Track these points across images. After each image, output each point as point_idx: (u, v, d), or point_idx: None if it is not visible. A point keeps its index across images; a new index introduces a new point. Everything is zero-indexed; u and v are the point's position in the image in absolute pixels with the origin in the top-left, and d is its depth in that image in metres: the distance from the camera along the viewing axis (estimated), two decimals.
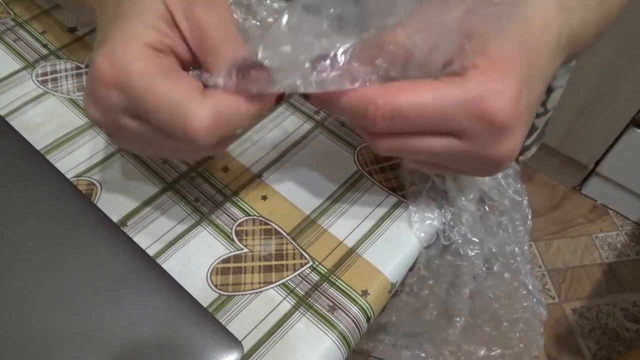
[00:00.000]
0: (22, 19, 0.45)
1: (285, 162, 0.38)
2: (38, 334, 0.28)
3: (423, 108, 0.26)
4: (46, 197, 0.33)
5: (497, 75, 0.26)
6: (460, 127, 0.26)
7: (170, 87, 0.25)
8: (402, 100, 0.26)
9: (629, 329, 1.20)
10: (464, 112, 0.26)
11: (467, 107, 0.26)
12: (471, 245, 0.36)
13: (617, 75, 1.08)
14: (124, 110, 0.27)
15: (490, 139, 0.27)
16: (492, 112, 0.25)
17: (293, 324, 0.31)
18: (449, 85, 0.26)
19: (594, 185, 1.36)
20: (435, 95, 0.26)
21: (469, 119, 0.26)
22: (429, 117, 0.26)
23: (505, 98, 0.25)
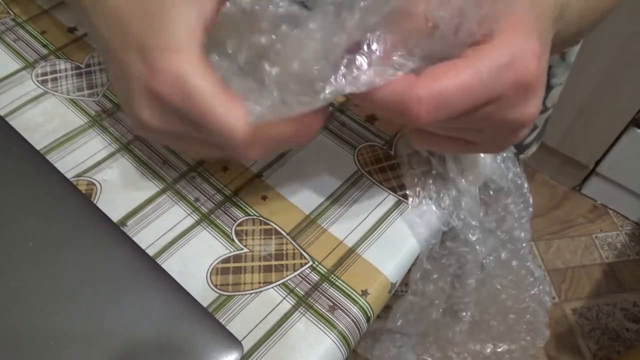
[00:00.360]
0: (22, 19, 0.45)
1: (285, 162, 0.38)
2: (38, 334, 0.28)
3: (467, 89, 0.24)
4: (46, 197, 0.33)
5: (518, 35, 0.25)
6: (498, 95, 0.25)
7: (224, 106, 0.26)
8: (443, 86, 0.24)
9: (629, 329, 1.20)
10: (502, 80, 0.25)
11: (504, 74, 0.25)
12: (471, 229, 0.36)
13: (617, 75, 1.08)
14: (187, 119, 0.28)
15: (520, 100, 0.26)
16: (525, 74, 0.25)
17: (293, 323, 0.31)
18: (481, 58, 0.25)
19: (594, 185, 1.36)
20: (473, 71, 0.24)
21: (506, 85, 0.25)
22: (475, 96, 0.25)
23: (532, 57, 0.25)
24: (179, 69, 0.26)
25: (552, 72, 0.59)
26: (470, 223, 0.35)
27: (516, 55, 0.25)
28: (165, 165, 0.38)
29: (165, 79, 0.26)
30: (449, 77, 0.24)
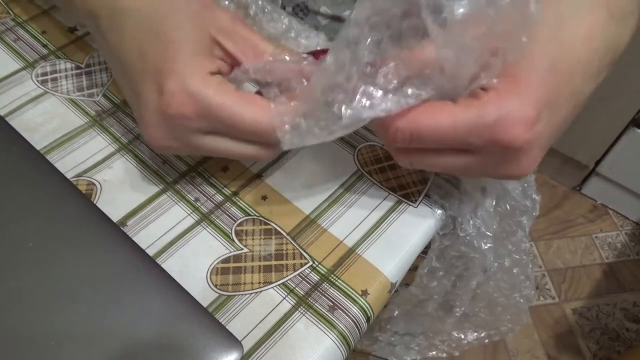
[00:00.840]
0: (22, 19, 0.45)
1: (285, 162, 0.38)
2: (38, 334, 0.28)
3: (439, 130, 0.27)
4: (46, 197, 0.33)
5: (513, 99, 0.26)
6: (476, 147, 0.27)
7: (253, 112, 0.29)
8: (420, 123, 0.27)
9: (629, 329, 1.20)
10: (478, 136, 0.27)
11: (482, 132, 0.26)
12: (484, 239, 0.37)
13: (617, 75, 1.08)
14: (204, 130, 0.30)
15: (504, 159, 0.28)
16: (506, 137, 0.26)
17: (293, 323, 0.31)
18: (466, 109, 0.26)
19: (594, 185, 1.36)
20: (452, 118, 0.27)
21: (484, 142, 0.27)
22: (445, 138, 0.27)
23: (520, 123, 0.26)
24: (189, 87, 0.28)
25: None
26: (484, 233, 0.37)
27: (500, 118, 0.26)
28: (165, 165, 0.38)
29: (176, 99, 0.28)
30: (425, 117, 0.27)
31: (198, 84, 0.28)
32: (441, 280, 0.41)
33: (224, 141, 0.31)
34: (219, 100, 0.28)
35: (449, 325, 0.49)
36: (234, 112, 0.29)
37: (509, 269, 0.42)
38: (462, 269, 0.40)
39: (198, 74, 0.29)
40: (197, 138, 0.30)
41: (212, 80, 0.29)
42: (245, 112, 0.29)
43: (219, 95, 0.29)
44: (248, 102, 0.29)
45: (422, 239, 0.36)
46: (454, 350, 0.56)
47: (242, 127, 0.29)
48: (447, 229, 0.37)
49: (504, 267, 0.42)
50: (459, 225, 0.37)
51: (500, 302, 0.47)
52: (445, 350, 0.56)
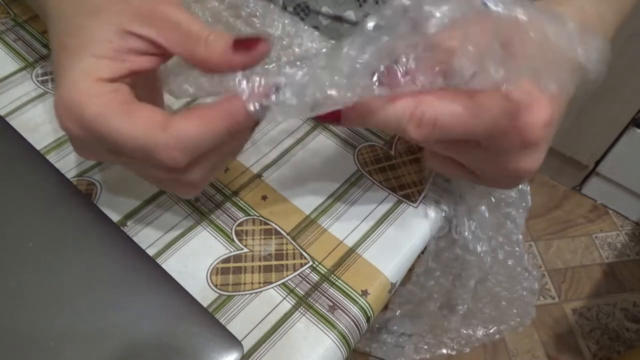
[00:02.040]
0: (22, 19, 0.45)
1: (285, 162, 0.38)
2: (38, 334, 0.28)
3: (462, 119, 0.26)
4: (46, 197, 0.33)
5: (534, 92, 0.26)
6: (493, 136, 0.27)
7: (130, 126, 0.25)
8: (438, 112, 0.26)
9: (629, 329, 1.20)
10: (501, 126, 0.26)
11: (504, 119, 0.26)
12: (480, 241, 0.37)
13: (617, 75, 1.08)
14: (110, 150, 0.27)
15: (519, 152, 0.28)
16: (528, 130, 0.26)
17: (293, 323, 0.31)
18: (490, 96, 0.26)
19: (594, 185, 1.36)
20: (473, 105, 0.26)
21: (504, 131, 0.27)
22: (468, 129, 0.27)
23: (541, 117, 0.26)
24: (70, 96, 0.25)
25: None
26: (479, 236, 0.37)
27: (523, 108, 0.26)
28: None
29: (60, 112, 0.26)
30: (445, 103, 0.26)
31: (78, 93, 0.25)
32: (438, 279, 0.41)
33: (121, 159, 0.27)
34: (93, 112, 0.25)
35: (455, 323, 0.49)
36: (109, 125, 0.25)
37: (503, 261, 0.42)
38: (460, 269, 0.40)
39: (84, 82, 0.25)
40: (110, 157, 0.27)
41: (98, 88, 0.25)
42: (121, 125, 0.25)
43: (97, 107, 0.25)
44: (129, 113, 0.25)
45: (422, 239, 0.36)
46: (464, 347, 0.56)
47: (122, 144, 0.25)
48: (443, 231, 0.37)
49: (499, 260, 0.42)
50: (455, 228, 0.37)
51: (503, 297, 0.47)
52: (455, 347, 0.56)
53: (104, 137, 0.25)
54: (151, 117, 0.25)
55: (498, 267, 0.43)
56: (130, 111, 0.25)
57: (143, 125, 0.25)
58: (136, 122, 0.25)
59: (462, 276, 0.41)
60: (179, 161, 0.25)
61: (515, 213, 0.40)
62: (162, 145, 0.25)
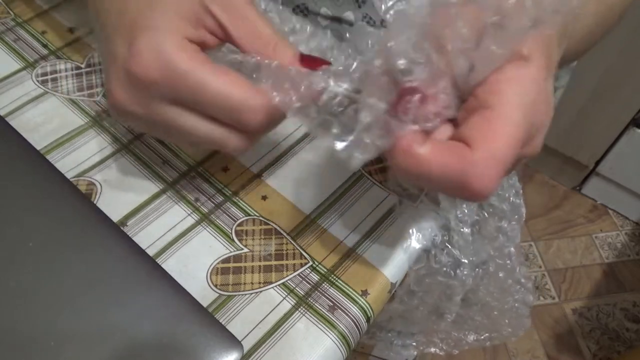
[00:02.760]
0: (22, 19, 0.45)
1: (285, 162, 0.38)
2: (38, 334, 0.28)
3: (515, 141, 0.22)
4: (46, 197, 0.33)
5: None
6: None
7: (227, 85, 0.26)
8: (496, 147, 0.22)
9: (629, 329, 1.20)
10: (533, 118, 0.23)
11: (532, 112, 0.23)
12: (461, 266, 0.36)
13: (617, 75, 1.08)
14: (168, 99, 0.27)
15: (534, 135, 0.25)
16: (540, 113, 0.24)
17: (293, 324, 0.31)
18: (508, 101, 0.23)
19: (594, 185, 1.36)
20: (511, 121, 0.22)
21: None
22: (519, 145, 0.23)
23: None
24: (161, 47, 0.26)
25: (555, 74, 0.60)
26: (460, 261, 0.36)
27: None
28: (165, 165, 0.38)
29: (144, 57, 0.26)
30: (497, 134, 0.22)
31: (170, 45, 0.26)
32: (423, 298, 0.40)
33: (190, 116, 0.28)
34: (188, 66, 0.26)
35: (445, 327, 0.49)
36: (202, 79, 0.26)
37: (494, 273, 0.42)
38: (444, 289, 0.40)
39: (174, 36, 0.26)
40: (160, 107, 0.28)
41: (187, 46, 0.27)
42: (215, 81, 0.26)
43: (189, 61, 0.26)
44: (221, 73, 0.27)
45: (423, 239, 0.36)
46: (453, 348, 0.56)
47: (209, 97, 0.26)
48: (421, 262, 0.36)
49: (489, 272, 0.42)
50: (433, 257, 0.36)
51: (495, 307, 0.46)
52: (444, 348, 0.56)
53: (191, 92, 0.26)
54: (245, 81, 0.27)
55: (488, 279, 0.42)
56: (225, 72, 0.27)
57: (240, 87, 0.27)
58: (233, 82, 0.26)
59: (447, 294, 0.41)
60: (262, 125, 0.28)
61: (508, 226, 0.40)
62: (255, 107, 0.27)
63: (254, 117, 0.27)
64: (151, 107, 0.28)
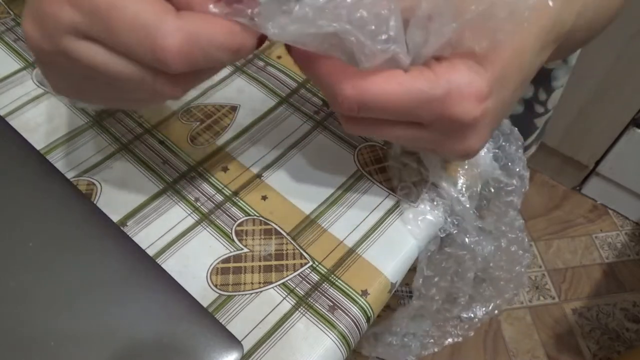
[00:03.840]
0: (22, 19, 0.45)
1: (285, 162, 0.38)
2: (38, 334, 0.28)
3: (387, 101, 0.25)
4: (46, 197, 0.33)
5: (466, 72, 0.25)
6: (425, 120, 0.27)
7: (138, 3, 0.22)
8: (367, 93, 0.25)
9: (629, 329, 1.20)
10: (427, 110, 0.26)
11: (431, 105, 0.25)
12: (467, 233, 0.36)
13: (617, 75, 1.09)
14: (76, 30, 0.23)
15: (454, 134, 0.27)
16: (456, 112, 0.26)
17: (293, 324, 0.31)
18: (416, 80, 0.25)
19: (594, 185, 1.36)
20: (400, 89, 0.25)
21: (434, 116, 0.26)
22: (393, 110, 0.26)
23: (471, 98, 0.25)
24: None
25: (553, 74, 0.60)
26: (465, 227, 0.36)
27: (452, 93, 0.25)
28: (165, 165, 0.38)
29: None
30: (374, 85, 0.25)
31: None
32: (438, 284, 0.41)
33: (102, 51, 0.24)
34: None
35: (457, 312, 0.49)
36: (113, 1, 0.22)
37: (506, 248, 0.42)
38: (456, 266, 0.40)
39: None
40: (69, 41, 0.24)
41: None
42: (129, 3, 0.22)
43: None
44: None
45: (422, 239, 0.36)
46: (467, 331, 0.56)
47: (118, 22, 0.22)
48: (431, 237, 0.36)
49: (502, 248, 0.42)
50: (436, 225, 0.36)
51: (502, 278, 0.47)
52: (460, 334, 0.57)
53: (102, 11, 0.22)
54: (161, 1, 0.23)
55: (501, 254, 0.42)
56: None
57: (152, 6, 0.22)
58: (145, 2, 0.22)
59: (460, 271, 0.41)
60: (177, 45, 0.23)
61: (517, 200, 0.40)
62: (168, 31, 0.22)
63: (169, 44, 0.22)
64: (59, 42, 0.24)
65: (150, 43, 0.22)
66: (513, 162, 0.39)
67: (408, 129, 0.28)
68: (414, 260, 0.36)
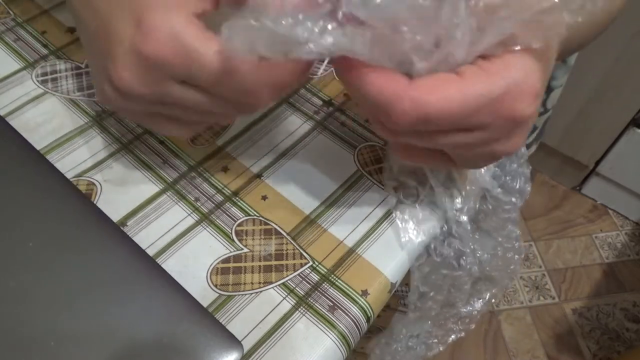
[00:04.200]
0: (22, 19, 0.45)
1: (285, 162, 0.38)
2: (38, 334, 0.28)
3: (449, 111, 0.24)
4: (46, 197, 0.33)
5: (521, 68, 0.25)
6: (483, 123, 0.26)
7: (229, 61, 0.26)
8: (428, 106, 0.24)
9: (629, 329, 1.20)
10: (488, 112, 0.25)
11: (492, 107, 0.25)
12: (464, 255, 0.36)
13: (617, 75, 1.08)
14: (177, 78, 0.27)
15: (507, 133, 0.26)
16: (514, 111, 0.25)
17: (293, 324, 0.31)
18: (474, 84, 0.24)
19: (594, 185, 1.36)
20: (460, 96, 0.24)
21: (493, 117, 0.25)
22: (454, 120, 0.25)
23: (528, 95, 0.25)
24: (172, 24, 0.25)
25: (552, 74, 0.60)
26: (462, 250, 0.36)
27: (510, 91, 0.24)
28: (165, 165, 0.38)
29: (156, 36, 0.25)
30: (435, 96, 0.24)
31: (181, 21, 0.25)
32: (435, 297, 0.41)
33: (197, 94, 0.27)
34: (200, 43, 0.25)
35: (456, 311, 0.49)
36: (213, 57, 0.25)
37: (502, 256, 0.42)
38: (452, 281, 0.40)
39: (182, 12, 0.25)
40: (169, 86, 0.27)
41: (195, 21, 0.26)
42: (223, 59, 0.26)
43: (200, 38, 0.25)
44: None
45: (423, 240, 0.36)
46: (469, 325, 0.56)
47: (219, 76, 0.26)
48: (422, 258, 0.36)
49: (498, 255, 0.42)
50: (433, 251, 0.36)
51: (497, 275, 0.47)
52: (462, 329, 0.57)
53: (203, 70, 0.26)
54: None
55: (497, 260, 0.43)
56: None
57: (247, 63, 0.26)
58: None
59: (456, 285, 0.41)
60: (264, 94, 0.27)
61: (515, 215, 0.40)
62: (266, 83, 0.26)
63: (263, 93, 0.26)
64: (159, 87, 0.27)
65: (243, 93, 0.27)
66: (513, 178, 0.39)
67: (460, 135, 0.26)
68: (415, 260, 0.36)
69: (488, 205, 0.38)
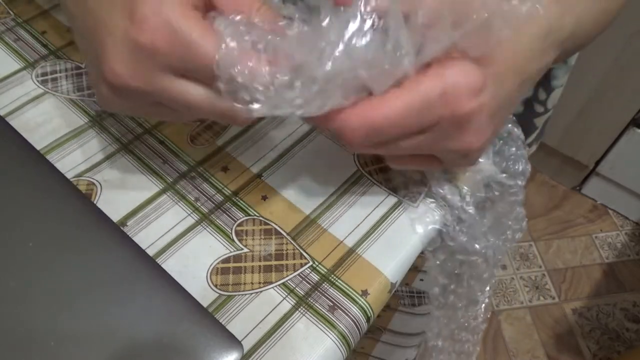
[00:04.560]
0: (22, 19, 0.45)
1: (285, 162, 0.38)
2: (38, 334, 0.28)
3: (394, 120, 0.27)
4: (46, 197, 0.33)
5: (456, 67, 0.26)
6: (431, 123, 0.27)
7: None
8: (374, 119, 0.27)
9: (629, 329, 1.20)
10: (430, 113, 0.27)
11: (433, 107, 0.27)
12: (476, 240, 0.37)
13: (617, 75, 1.09)
14: (173, 70, 0.26)
15: (453, 131, 0.28)
16: (454, 107, 0.26)
17: (293, 324, 0.31)
18: (412, 89, 0.26)
19: (594, 185, 1.36)
20: (402, 104, 0.26)
21: (436, 116, 0.27)
22: (401, 126, 0.27)
23: (465, 90, 0.26)
24: (166, 12, 0.25)
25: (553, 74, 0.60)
26: (473, 234, 0.37)
27: (448, 89, 0.26)
28: (165, 165, 0.38)
29: (150, 26, 0.25)
30: (380, 108, 0.26)
31: (175, 10, 0.25)
32: (456, 290, 0.41)
33: (194, 87, 0.27)
34: (196, 34, 0.25)
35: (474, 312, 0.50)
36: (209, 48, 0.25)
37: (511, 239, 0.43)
38: (469, 271, 0.40)
39: (177, 1, 0.25)
40: (164, 78, 0.26)
41: (191, 12, 0.25)
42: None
43: (197, 29, 0.25)
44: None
45: (423, 239, 0.36)
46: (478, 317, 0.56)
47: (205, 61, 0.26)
48: (436, 243, 0.37)
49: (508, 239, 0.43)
50: (447, 236, 0.37)
51: None
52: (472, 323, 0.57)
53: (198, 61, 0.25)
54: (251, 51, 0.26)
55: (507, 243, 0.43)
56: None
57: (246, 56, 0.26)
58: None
59: (474, 275, 0.41)
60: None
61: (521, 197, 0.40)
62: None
63: None
64: (155, 80, 0.26)
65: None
66: (514, 162, 0.39)
67: (412, 138, 0.28)
68: (414, 260, 0.36)
69: (494, 192, 0.39)
